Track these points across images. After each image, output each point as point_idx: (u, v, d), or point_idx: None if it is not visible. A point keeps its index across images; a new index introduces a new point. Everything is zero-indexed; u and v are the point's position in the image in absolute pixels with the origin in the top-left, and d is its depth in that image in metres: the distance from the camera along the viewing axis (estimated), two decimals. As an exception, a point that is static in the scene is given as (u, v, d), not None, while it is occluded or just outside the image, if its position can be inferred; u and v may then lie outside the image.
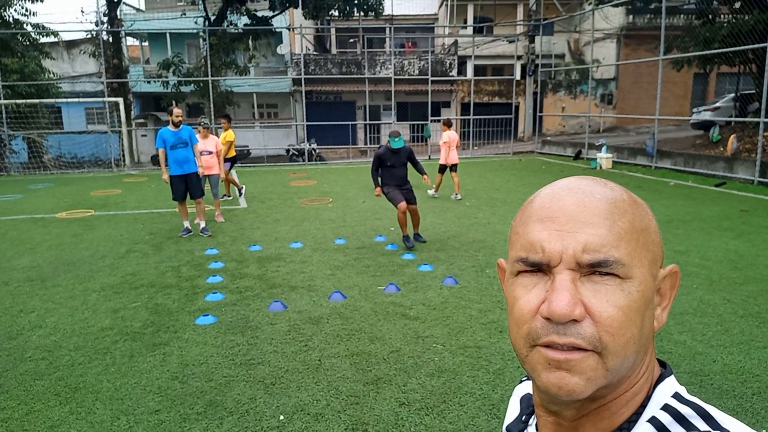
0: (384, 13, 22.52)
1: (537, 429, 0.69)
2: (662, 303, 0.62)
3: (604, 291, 0.55)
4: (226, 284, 5.58)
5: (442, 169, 10.73)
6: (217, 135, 11.30)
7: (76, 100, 19.05)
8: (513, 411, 0.79)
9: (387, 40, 27.58)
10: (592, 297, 0.55)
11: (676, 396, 0.60)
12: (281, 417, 3.13)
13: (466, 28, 27.50)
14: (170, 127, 7.62)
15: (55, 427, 3.08)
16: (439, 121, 24.65)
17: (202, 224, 7.83)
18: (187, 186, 7.74)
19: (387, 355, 3.90)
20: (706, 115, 16.99)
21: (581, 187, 0.60)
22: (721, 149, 13.84)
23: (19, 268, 6.30)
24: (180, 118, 7.63)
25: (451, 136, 10.51)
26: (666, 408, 0.58)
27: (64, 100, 18.99)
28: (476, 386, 3.42)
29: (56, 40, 20.46)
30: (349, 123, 22.36)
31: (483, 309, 4.70)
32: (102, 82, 18.03)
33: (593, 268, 0.55)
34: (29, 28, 18.76)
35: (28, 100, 16.72)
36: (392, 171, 6.89)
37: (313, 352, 3.97)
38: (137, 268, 6.25)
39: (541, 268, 0.58)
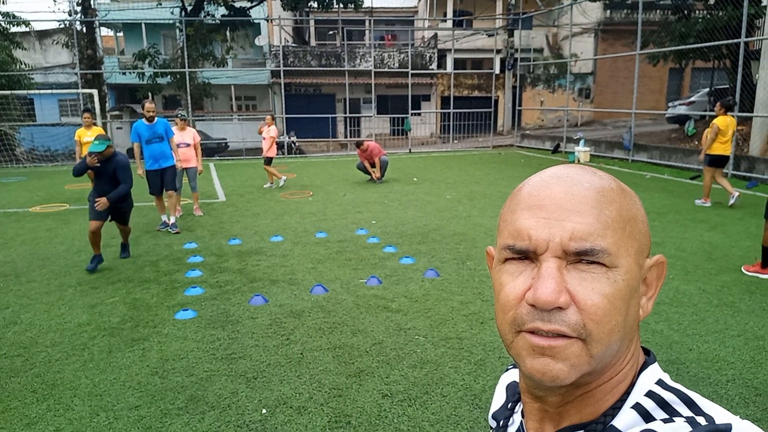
0: (363, 5, 22.41)
1: (523, 416, 0.69)
2: (648, 292, 0.63)
3: (590, 279, 0.55)
4: (206, 278, 5.52)
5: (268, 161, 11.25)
6: (194, 127, 11.28)
7: (49, 91, 18.59)
8: (499, 398, 0.79)
9: (366, 32, 27.48)
10: (578, 285, 0.55)
11: (660, 383, 0.60)
12: (264, 411, 3.12)
13: (445, 21, 27.52)
14: (144, 121, 7.41)
15: (32, 424, 3.02)
16: (419, 114, 24.75)
17: (172, 219, 7.61)
18: (163, 178, 7.58)
19: (369, 347, 3.90)
20: (682, 110, 17.30)
21: (570, 175, 0.60)
22: (696, 143, 14.10)
23: (-8, 264, 6.16)
24: (152, 113, 7.39)
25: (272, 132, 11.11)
26: (650, 394, 0.59)
27: (37, 91, 18.55)
28: (458, 377, 3.44)
29: (28, 29, 19.96)
30: (329, 116, 22.27)
31: (464, 301, 4.73)
32: (76, 74, 17.65)
33: (579, 257, 0.56)
34: (-1, 18, 18.26)
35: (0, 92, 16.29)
36: None
37: (295, 346, 3.96)
38: (114, 262, 6.16)
39: (527, 256, 0.58)
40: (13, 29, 19.24)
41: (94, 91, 16.25)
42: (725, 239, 6.48)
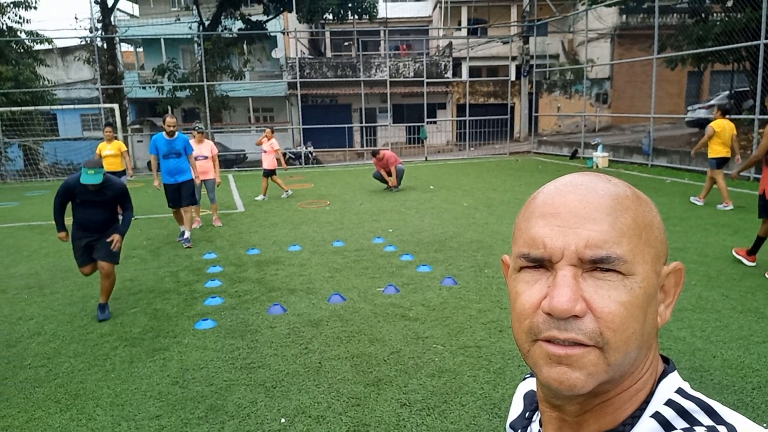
0: (378, 16, 22.56)
1: (540, 425, 0.68)
2: (666, 300, 0.62)
3: (606, 287, 0.55)
4: (225, 288, 5.57)
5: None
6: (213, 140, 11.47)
7: (72, 106, 19.04)
8: (516, 408, 0.79)
9: (381, 42, 27.65)
10: (594, 293, 0.55)
11: (680, 391, 0.59)
12: (282, 420, 3.13)
13: (460, 29, 27.57)
14: (165, 135, 7.45)
15: (55, 433, 3.07)
16: (435, 122, 24.76)
17: (186, 234, 7.51)
18: (180, 192, 7.60)
19: (387, 356, 3.89)
20: (701, 113, 17.04)
21: (584, 183, 0.60)
22: None
23: (17, 276, 6.28)
24: (173, 128, 7.39)
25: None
26: (669, 403, 0.58)
27: (59, 106, 18.97)
28: (477, 386, 3.42)
29: (50, 47, 20.45)
30: (345, 126, 22.38)
31: (482, 309, 4.70)
32: (97, 89, 18.02)
33: (595, 264, 0.55)
34: (23, 36, 18.74)
35: (23, 108, 16.70)
36: None
37: (313, 355, 3.97)
38: (135, 273, 6.24)
39: (543, 264, 0.58)
40: (37, 47, 19.71)
41: (115, 106, 16.57)
42: (748, 244, 6.35)
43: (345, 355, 3.95)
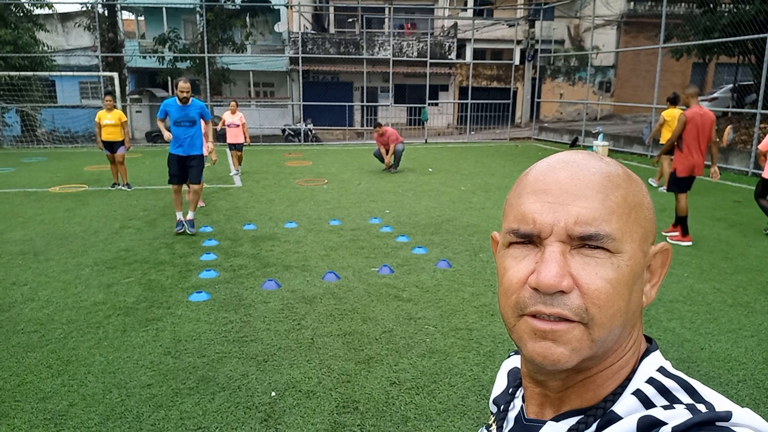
0: (384, -6, 22.26)
1: (523, 400, 0.69)
2: (652, 279, 0.63)
3: (594, 264, 0.55)
4: (220, 262, 5.58)
5: None
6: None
7: (71, 73, 18.82)
8: (500, 384, 0.80)
9: (386, 20, 27.31)
10: (581, 269, 0.55)
11: (661, 370, 0.60)
12: (273, 393, 3.16)
13: (466, 10, 27.26)
14: (177, 101, 6.55)
15: (46, 398, 3.10)
16: (437, 104, 24.61)
17: (190, 215, 6.71)
18: (186, 169, 6.69)
19: (379, 335, 3.92)
20: (704, 105, 16.98)
21: (576, 160, 0.60)
22: (717, 140, 13.86)
23: (12, 242, 6.28)
24: (186, 94, 6.50)
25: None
26: (651, 381, 0.59)
27: (58, 73, 18.78)
28: (467, 367, 3.45)
29: (51, 12, 20.17)
30: (346, 104, 22.24)
31: (476, 292, 4.73)
32: (97, 56, 17.83)
33: (584, 241, 0.56)
34: (23, -1, 18.46)
35: (22, 73, 16.51)
36: None
37: (305, 331, 3.99)
38: (131, 243, 6.24)
39: (532, 240, 0.58)
40: (37, 11, 19.44)
41: (115, 74, 16.41)
42: (743, 238, 6.39)
43: (337, 332, 3.97)
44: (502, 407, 0.74)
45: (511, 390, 0.75)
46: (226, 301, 4.57)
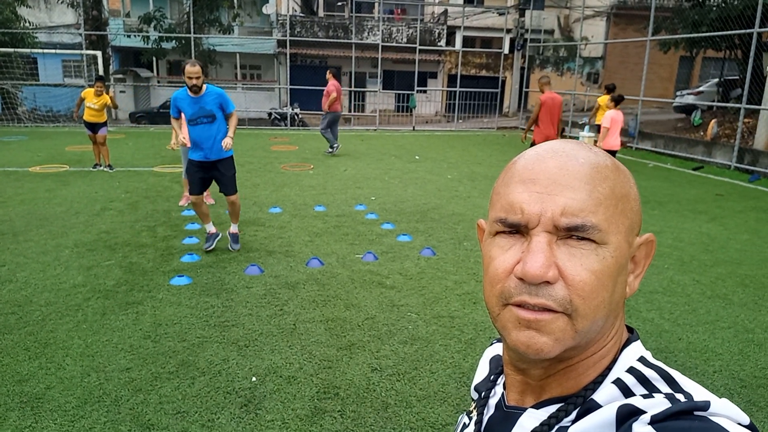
0: (374, -22, 22.02)
1: (504, 387, 0.70)
2: (636, 270, 0.63)
3: (579, 255, 0.56)
4: (202, 246, 5.53)
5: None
6: None
7: (53, 51, 18.39)
8: (482, 371, 0.80)
9: (376, 5, 27.04)
10: (567, 260, 0.55)
11: (642, 360, 0.61)
12: (254, 378, 3.15)
13: (456, -3, 27.07)
14: (188, 92, 5.01)
15: (23, 381, 3.06)
16: (425, 92, 24.51)
17: (233, 228, 5.48)
18: (213, 176, 5.27)
19: (362, 321, 3.92)
20: (689, 99, 17.13)
21: (566, 150, 0.60)
22: (702, 133, 14.00)
23: (-10, 221, 6.16)
24: (196, 81, 4.91)
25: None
26: (631, 370, 0.59)
27: (41, 50, 18.33)
28: (448, 354, 3.47)
29: (32, -14, 19.65)
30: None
31: (459, 281, 4.74)
32: (80, 34, 17.43)
33: (570, 232, 0.56)
34: (4, -27, 17.96)
35: (2, 49, 16.12)
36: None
37: (288, 317, 3.98)
38: (112, 226, 6.16)
39: (519, 230, 0.58)
40: (18, -14, 18.92)
41: (98, 53, 16.09)
42: (723, 231, 6.48)
43: (320, 318, 3.97)
44: (483, 394, 0.74)
45: (492, 377, 0.75)
46: (208, 285, 4.53)
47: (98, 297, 4.23)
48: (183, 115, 5.15)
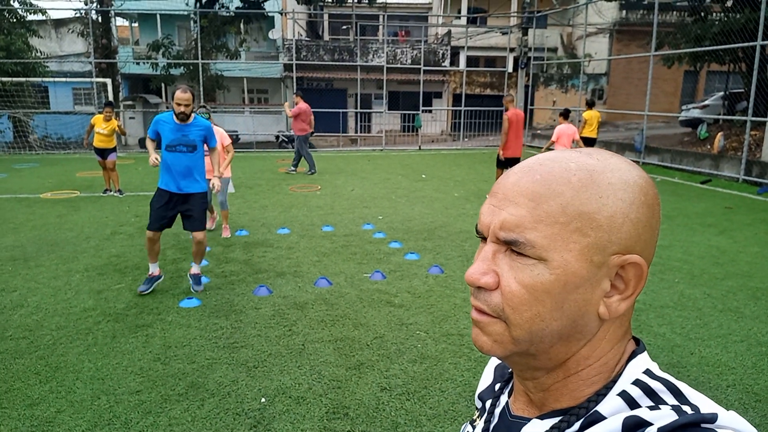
0: (378, 1, 22.35)
1: (509, 396, 0.71)
2: (626, 292, 0.59)
3: (516, 268, 0.58)
4: (212, 268, 5.56)
5: None
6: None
7: (64, 79, 18.75)
8: (486, 378, 0.81)
9: (380, 27, 27.42)
10: (505, 271, 0.59)
11: (647, 372, 0.60)
12: (263, 399, 3.14)
13: (459, 18, 27.41)
14: (174, 117, 4.76)
15: (34, 405, 3.07)
16: (430, 111, 24.67)
17: (195, 269, 4.95)
18: (180, 211, 4.89)
19: (370, 341, 3.92)
20: (695, 113, 17.13)
21: (533, 165, 0.60)
22: (708, 147, 13.97)
23: (2, 248, 6.24)
24: (184, 109, 4.69)
25: None
26: (636, 383, 0.59)
27: (51, 79, 18.68)
28: (457, 373, 3.45)
29: (44, 17, 20.12)
30: (340, 111, 22.24)
31: (467, 298, 4.73)
32: (90, 62, 17.77)
33: (509, 245, 0.58)
34: (16, 5, 18.41)
35: (14, 79, 16.45)
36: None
37: (296, 337, 3.98)
38: (122, 249, 6.21)
39: (485, 237, 0.62)
40: (30, 17, 19.39)
41: (108, 81, 16.37)
42: (733, 244, 6.43)
43: (328, 338, 3.96)
44: (488, 403, 0.75)
45: (497, 386, 0.76)
46: (217, 307, 4.55)
47: (108, 320, 4.26)
48: (160, 138, 4.84)
